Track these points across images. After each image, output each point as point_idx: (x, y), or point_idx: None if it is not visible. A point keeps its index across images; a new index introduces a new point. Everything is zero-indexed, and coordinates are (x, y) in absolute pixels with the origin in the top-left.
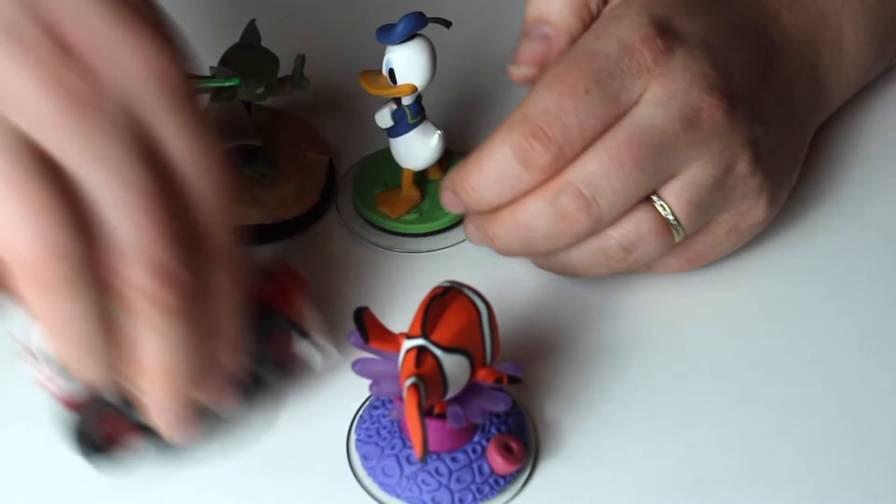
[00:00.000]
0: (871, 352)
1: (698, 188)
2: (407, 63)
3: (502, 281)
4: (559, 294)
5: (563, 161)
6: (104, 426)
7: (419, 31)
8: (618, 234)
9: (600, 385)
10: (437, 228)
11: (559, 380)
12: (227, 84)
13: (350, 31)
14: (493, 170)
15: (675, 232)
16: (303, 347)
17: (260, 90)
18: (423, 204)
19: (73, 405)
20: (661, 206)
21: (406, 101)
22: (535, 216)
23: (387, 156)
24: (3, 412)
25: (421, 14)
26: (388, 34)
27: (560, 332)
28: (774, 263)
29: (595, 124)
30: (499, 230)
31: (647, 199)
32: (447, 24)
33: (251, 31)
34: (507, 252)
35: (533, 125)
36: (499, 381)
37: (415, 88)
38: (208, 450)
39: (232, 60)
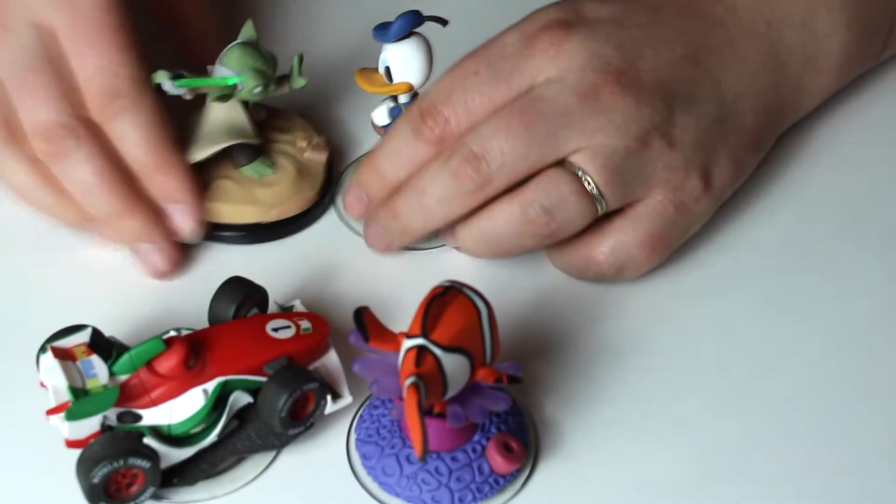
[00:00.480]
0: (870, 351)
1: (612, 156)
2: (403, 61)
3: (502, 281)
4: (559, 294)
5: (450, 135)
6: (111, 480)
7: (415, 30)
8: (538, 196)
9: (600, 385)
10: None
11: (559, 379)
12: (225, 83)
13: (348, 29)
14: (392, 145)
15: (597, 201)
16: (328, 404)
17: (258, 89)
18: None
19: (76, 444)
20: (579, 172)
21: (403, 99)
22: (431, 178)
23: None
24: (3, 412)
25: (417, 12)
26: (385, 32)
27: (560, 332)
28: (774, 263)
29: (480, 102)
30: (400, 202)
31: (562, 166)
32: (444, 22)
33: (249, 31)
34: (407, 230)
35: (427, 103)
36: (499, 380)
37: (411, 87)
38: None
39: (229, 60)
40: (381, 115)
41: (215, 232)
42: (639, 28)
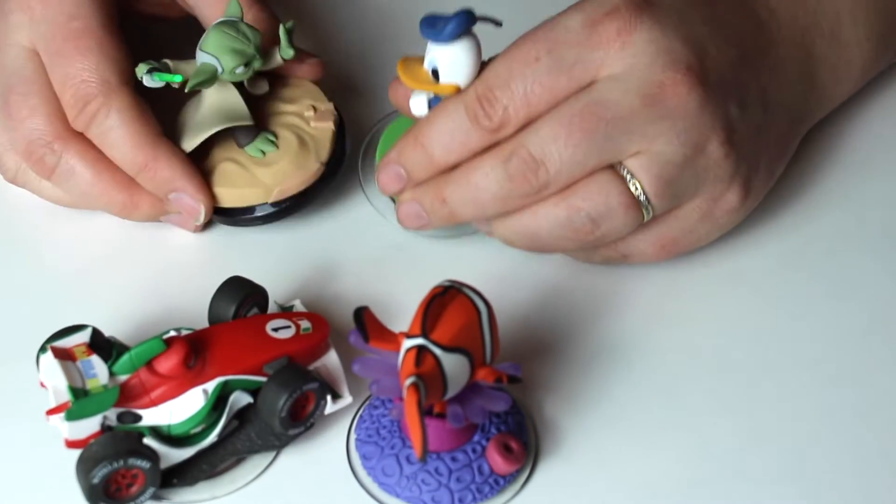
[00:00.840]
0: (870, 351)
1: (667, 164)
2: (454, 64)
3: (502, 281)
4: (559, 294)
5: (507, 124)
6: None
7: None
8: (586, 205)
9: (600, 385)
10: None
11: (559, 379)
12: (203, 71)
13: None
14: (444, 124)
15: (643, 209)
16: (328, 404)
17: (239, 69)
18: None
19: (76, 444)
20: (629, 178)
21: (445, 99)
22: (487, 174)
23: (404, 123)
24: (3, 412)
25: (471, 12)
26: (437, 31)
27: (560, 332)
28: (774, 263)
29: (540, 92)
30: (451, 189)
31: (614, 171)
32: (498, 23)
33: (233, 7)
34: (453, 216)
35: (483, 87)
36: (498, 380)
37: (458, 89)
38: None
39: (206, 44)
40: (419, 106)
41: (222, 217)
42: (701, 23)
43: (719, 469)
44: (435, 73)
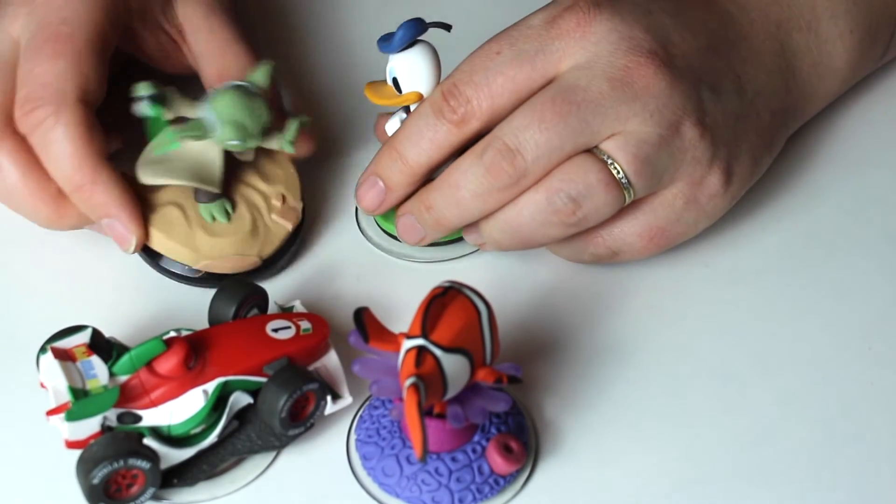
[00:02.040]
0: (871, 351)
1: (643, 143)
2: (410, 70)
3: (502, 281)
4: (559, 294)
5: (472, 117)
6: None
7: (420, 38)
8: (565, 185)
9: (600, 385)
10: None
11: (559, 380)
12: (194, 130)
13: (354, 40)
14: (415, 125)
15: (625, 190)
16: (328, 405)
17: (232, 142)
18: None
19: (76, 444)
20: (608, 160)
21: (415, 107)
22: (465, 172)
23: None
24: (3, 412)
25: (419, 20)
26: (388, 43)
27: (560, 332)
28: (774, 263)
29: (502, 81)
30: (434, 195)
31: (591, 153)
32: (447, 27)
33: (258, 76)
34: (440, 223)
35: (449, 83)
36: (499, 381)
37: (420, 96)
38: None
39: (216, 103)
40: (393, 126)
41: (146, 255)
42: (663, 14)
43: (719, 469)
44: (397, 84)
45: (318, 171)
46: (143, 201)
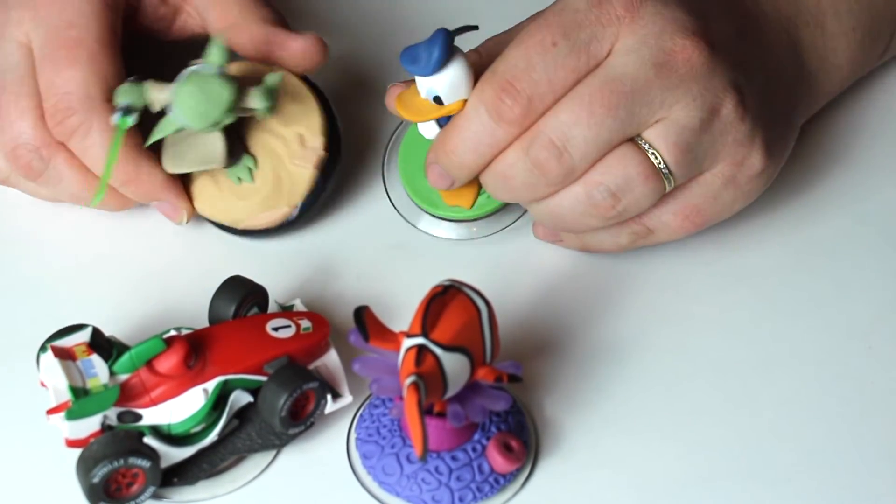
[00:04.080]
0: (870, 350)
1: (683, 130)
2: (452, 86)
3: (502, 280)
4: (559, 293)
5: (533, 114)
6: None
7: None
8: (605, 179)
9: (600, 384)
10: (473, 216)
11: (559, 378)
12: (162, 132)
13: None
14: (468, 129)
15: (665, 178)
16: (328, 403)
17: (209, 125)
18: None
19: (76, 443)
20: (648, 149)
21: (447, 101)
22: (512, 165)
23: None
24: (3, 412)
25: (447, 32)
26: (423, 66)
27: (560, 331)
28: (774, 263)
29: (564, 76)
30: (485, 178)
31: (632, 143)
32: (473, 28)
33: (214, 56)
34: (498, 198)
35: (502, 80)
36: (499, 379)
37: (464, 103)
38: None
39: (177, 98)
40: (430, 130)
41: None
42: (702, 1)
43: (719, 468)
44: (437, 99)
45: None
46: (181, 177)
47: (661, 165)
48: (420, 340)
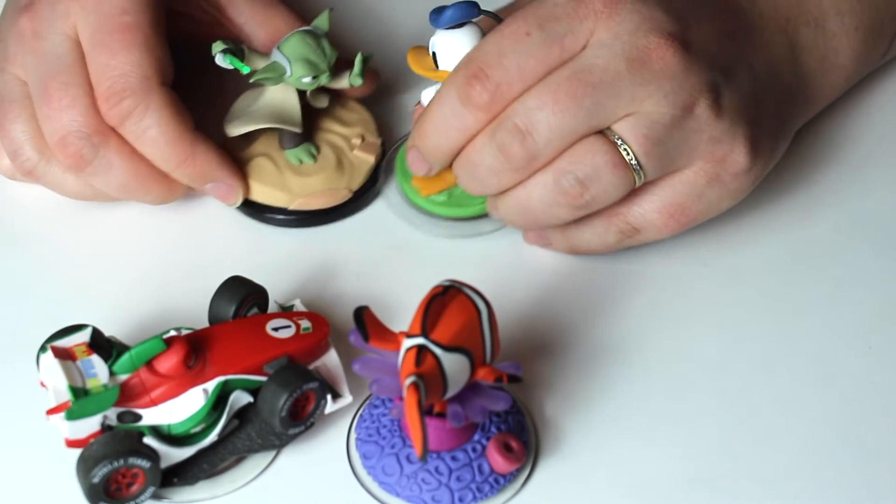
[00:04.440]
0: (870, 350)
1: (654, 125)
2: (450, 50)
3: (502, 280)
4: (559, 293)
5: (501, 101)
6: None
7: (471, 21)
8: (572, 167)
9: (600, 384)
10: (463, 215)
11: (559, 378)
12: (268, 72)
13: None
14: (440, 112)
15: (634, 171)
16: (328, 403)
17: (306, 79)
18: (456, 189)
19: (76, 443)
20: (620, 143)
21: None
22: (479, 151)
23: None
24: (3, 412)
25: (473, 3)
26: (435, 16)
27: (560, 331)
28: (774, 262)
29: (535, 65)
30: (457, 168)
31: (602, 135)
32: (499, 19)
33: (322, 21)
34: (468, 191)
35: (474, 67)
36: (499, 379)
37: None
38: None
39: (285, 46)
40: (428, 96)
41: (245, 207)
42: (684, 1)
43: (719, 468)
44: (435, 59)
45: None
46: (235, 159)
47: (630, 158)
48: (420, 341)
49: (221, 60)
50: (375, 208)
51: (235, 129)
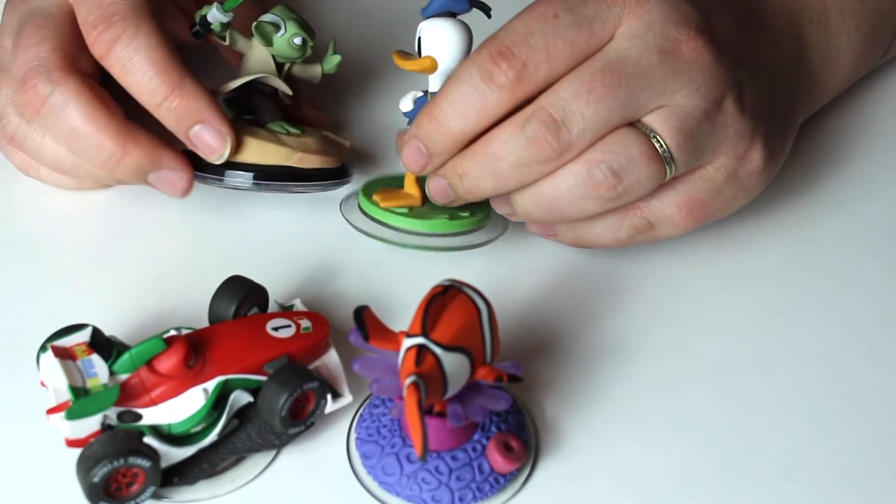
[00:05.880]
0: (871, 351)
1: (686, 117)
2: (434, 37)
3: (502, 280)
4: (559, 293)
5: (527, 81)
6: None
7: (459, 15)
8: (606, 157)
9: (600, 384)
10: (423, 230)
11: (559, 378)
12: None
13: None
14: (458, 91)
15: (666, 164)
16: (328, 403)
17: (297, 39)
18: (418, 207)
19: (76, 443)
20: (651, 134)
21: (433, 88)
22: (505, 143)
23: (397, 181)
24: (3, 412)
25: None
26: (427, 7)
27: (560, 331)
28: (774, 262)
29: (562, 47)
30: (469, 164)
31: (634, 126)
32: (487, 10)
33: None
34: (474, 191)
35: (500, 45)
36: (499, 379)
37: (434, 63)
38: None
39: (275, 9)
40: (405, 105)
41: (233, 171)
42: None
43: (719, 468)
44: (419, 48)
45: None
46: None
47: (664, 150)
48: (420, 340)
49: (222, 15)
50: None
51: (226, 88)
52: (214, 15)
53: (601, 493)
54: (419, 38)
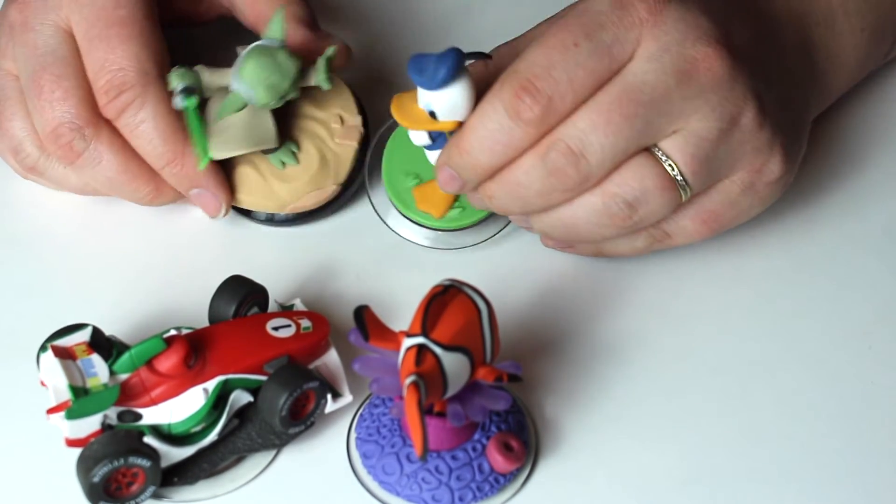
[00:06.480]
0: (870, 351)
1: (702, 142)
2: (452, 106)
3: (502, 280)
4: (559, 293)
5: (553, 115)
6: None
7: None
8: (621, 190)
9: (600, 383)
10: (482, 218)
11: (559, 378)
12: (231, 106)
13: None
14: (484, 128)
15: (680, 189)
16: (328, 403)
17: (271, 103)
18: (462, 197)
19: (76, 443)
20: (665, 160)
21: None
22: (527, 172)
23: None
24: (3, 412)
25: (459, 53)
26: (428, 79)
27: (560, 331)
28: (774, 262)
29: (585, 77)
30: (496, 188)
31: (649, 154)
32: (487, 57)
33: (274, 30)
34: (505, 210)
35: (522, 80)
36: (499, 379)
37: (459, 124)
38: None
39: (243, 72)
40: (420, 137)
41: (238, 210)
42: (723, 4)
43: (719, 468)
44: (432, 114)
45: None
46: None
47: (678, 176)
48: (420, 340)
49: (179, 100)
50: (374, 208)
51: (219, 152)
52: (178, 101)
53: (601, 493)
54: (431, 111)
